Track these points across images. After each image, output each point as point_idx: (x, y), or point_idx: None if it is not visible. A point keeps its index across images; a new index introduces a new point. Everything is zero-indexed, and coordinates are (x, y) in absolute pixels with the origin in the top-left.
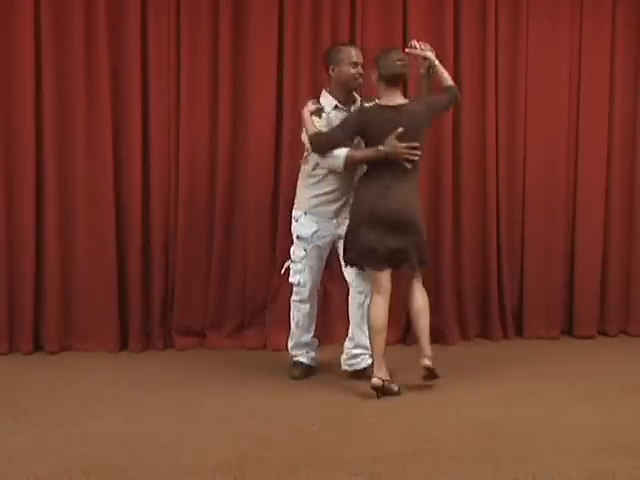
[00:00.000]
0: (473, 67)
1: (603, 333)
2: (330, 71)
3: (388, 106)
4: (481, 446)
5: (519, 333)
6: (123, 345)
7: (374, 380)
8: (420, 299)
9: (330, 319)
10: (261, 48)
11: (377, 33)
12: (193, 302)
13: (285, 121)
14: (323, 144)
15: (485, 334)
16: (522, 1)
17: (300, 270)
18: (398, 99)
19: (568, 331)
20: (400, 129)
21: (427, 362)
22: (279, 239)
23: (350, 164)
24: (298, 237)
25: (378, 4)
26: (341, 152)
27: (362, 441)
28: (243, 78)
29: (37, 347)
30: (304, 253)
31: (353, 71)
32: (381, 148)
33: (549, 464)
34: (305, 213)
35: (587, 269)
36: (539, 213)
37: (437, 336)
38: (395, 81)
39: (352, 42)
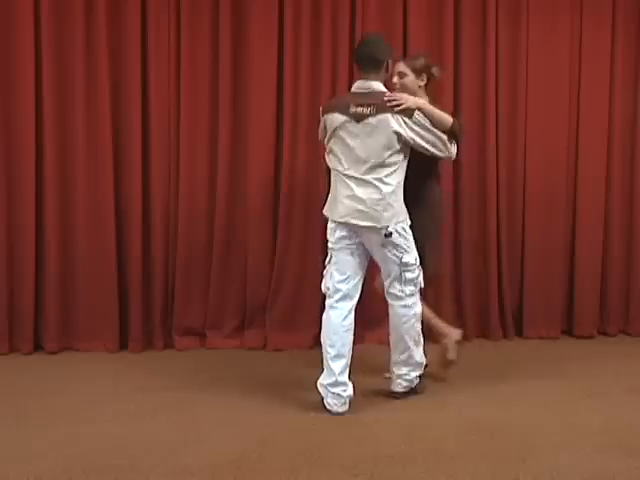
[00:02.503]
0: (473, 68)
1: (603, 333)
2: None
3: None
4: (481, 446)
5: (519, 333)
6: (123, 345)
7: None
8: None
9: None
10: (261, 47)
11: None
12: (193, 302)
13: (285, 120)
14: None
15: (485, 334)
16: (522, 1)
17: None
18: None
19: (568, 331)
20: None
21: None
22: (279, 239)
23: None
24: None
25: (378, 4)
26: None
27: (362, 441)
28: (243, 77)
29: (37, 347)
30: None
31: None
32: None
33: (549, 464)
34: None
35: (587, 269)
36: (539, 214)
37: (437, 336)
38: None
39: None
